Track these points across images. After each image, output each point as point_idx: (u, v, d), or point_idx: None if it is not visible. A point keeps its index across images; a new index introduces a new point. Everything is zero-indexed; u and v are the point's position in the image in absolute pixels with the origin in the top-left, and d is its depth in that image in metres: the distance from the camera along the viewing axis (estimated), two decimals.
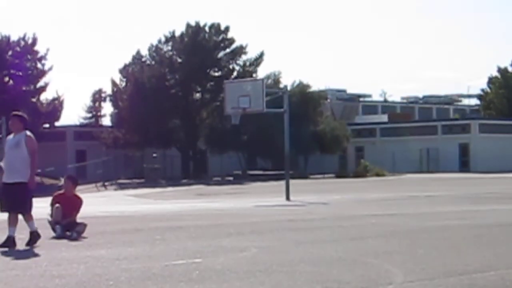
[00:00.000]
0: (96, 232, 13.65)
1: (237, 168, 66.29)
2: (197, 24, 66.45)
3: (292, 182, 32.19)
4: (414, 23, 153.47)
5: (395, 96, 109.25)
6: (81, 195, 14.45)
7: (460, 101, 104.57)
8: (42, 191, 41.22)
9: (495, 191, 33.03)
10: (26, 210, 11.86)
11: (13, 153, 11.86)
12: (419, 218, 16.98)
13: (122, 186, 53.93)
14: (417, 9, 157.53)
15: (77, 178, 15.39)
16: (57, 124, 68.12)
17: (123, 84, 68.03)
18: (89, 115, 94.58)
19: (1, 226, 12.48)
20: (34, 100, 65.24)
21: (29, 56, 64.86)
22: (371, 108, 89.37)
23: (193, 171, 65.74)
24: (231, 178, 62.03)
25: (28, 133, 12.06)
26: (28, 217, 11.89)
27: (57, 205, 13.51)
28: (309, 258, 9.38)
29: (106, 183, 55.90)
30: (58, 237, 12.88)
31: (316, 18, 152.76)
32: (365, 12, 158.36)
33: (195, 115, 66.27)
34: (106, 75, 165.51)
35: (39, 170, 58.12)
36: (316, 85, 70.72)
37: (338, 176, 61.74)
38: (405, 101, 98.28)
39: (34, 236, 11.82)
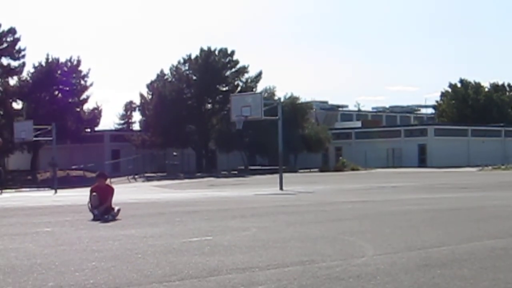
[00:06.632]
0: (128, 215, 13.65)
1: (240, 164, 66.29)
2: (209, 48, 66.46)
3: (284, 175, 32.15)
4: (382, 49, 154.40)
5: (367, 106, 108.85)
6: (115, 186, 14.43)
7: (419, 110, 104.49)
8: (85, 182, 41.45)
9: (446, 182, 33.06)
10: None
11: None
12: (386, 204, 16.98)
13: (148, 179, 53.94)
14: (385, 36, 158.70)
15: (106, 173, 15.29)
16: (96, 129, 68.21)
17: (150, 96, 68.02)
18: (122, 121, 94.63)
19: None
20: (78, 109, 65.27)
21: (74, 75, 64.88)
22: (347, 116, 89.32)
23: (205, 166, 65.76)
24: (235, 172, 62.05)
25: None
26: None
27: (94, 193, 13.53)
28: (298, 236, 9.37)
29: (135, 176, 55.93)
30: (96, 219, 12.88)
31: (304, 43, 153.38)
32: (347, 40, 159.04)
33: (207, 122, 66.30)
34: (136, 89, 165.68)
35: (81, 166, 57.57)
36: (303, 97, 70.65)
37: (321, 170, 61.75)
38: (375, 110, 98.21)
39: None
